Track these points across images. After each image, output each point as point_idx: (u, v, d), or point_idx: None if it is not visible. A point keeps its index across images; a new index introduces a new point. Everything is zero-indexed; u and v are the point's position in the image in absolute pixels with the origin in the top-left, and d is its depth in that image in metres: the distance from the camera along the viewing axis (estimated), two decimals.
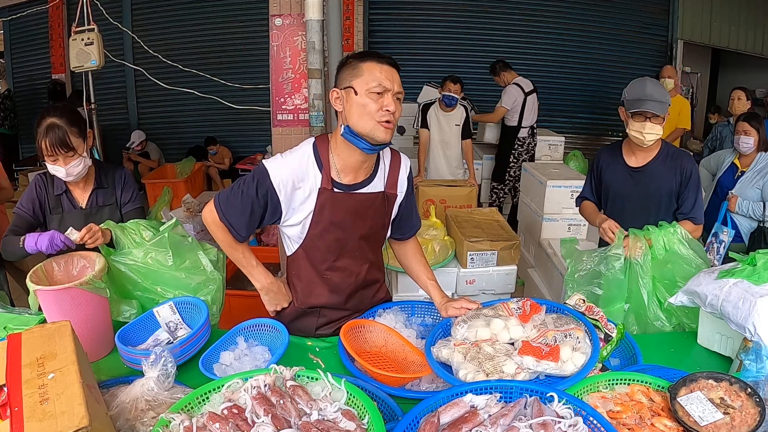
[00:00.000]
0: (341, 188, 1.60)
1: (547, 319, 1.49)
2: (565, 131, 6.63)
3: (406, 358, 1.57)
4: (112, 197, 2.14)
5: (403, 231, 1.83)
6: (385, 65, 1.50)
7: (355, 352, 1.46)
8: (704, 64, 7.95)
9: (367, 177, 1.64)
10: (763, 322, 1.40)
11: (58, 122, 1.90)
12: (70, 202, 2.08)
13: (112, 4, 6.45)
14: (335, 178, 1.59)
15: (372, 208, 1.67)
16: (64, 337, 1.17)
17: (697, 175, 2.31)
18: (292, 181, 1.56)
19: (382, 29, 7.06)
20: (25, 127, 7.23)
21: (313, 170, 1.58)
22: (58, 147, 1.90)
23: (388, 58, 1.53)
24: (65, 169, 1.95)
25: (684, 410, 1.21)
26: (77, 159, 1.96)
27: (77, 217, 2.06)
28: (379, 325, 1.66)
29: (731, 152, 3.45)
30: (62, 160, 1.93)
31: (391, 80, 1.49)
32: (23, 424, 0.94)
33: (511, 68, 5.18)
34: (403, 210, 1.78)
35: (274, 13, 3.51)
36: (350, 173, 1.61)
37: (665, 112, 2.17)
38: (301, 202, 1.59)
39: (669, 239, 1.94)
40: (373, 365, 1.46)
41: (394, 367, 1.56)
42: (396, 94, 1.51)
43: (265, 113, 4.20)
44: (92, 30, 4.12)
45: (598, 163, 2.50)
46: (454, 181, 4.40)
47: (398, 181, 1.70)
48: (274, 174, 1.55)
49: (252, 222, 1.61)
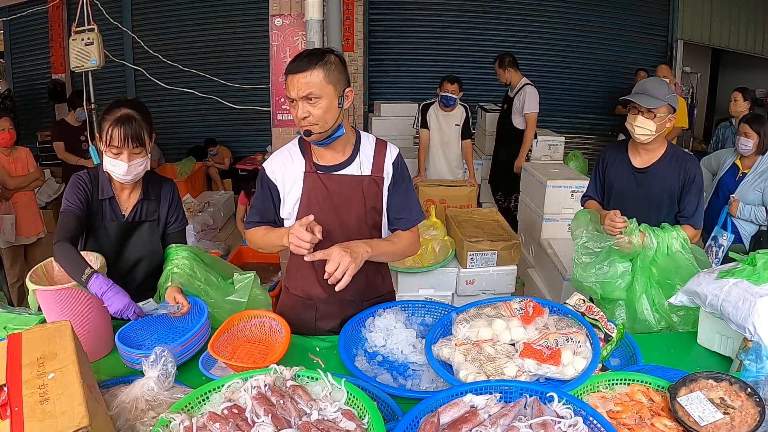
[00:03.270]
0: (322, 170, 1.71)
1: (548, 321, 1.49)
2: (565, 131, 6.62)
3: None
4: (156, 212, 1.94)
5: (392, 221, 1.80)
6: (290, 75, 1.56)
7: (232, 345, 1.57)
8: (704, 64, 7.95)
9: (346, 159, 1.72)
10: (763, 322, 1.40)
11: (134, 114, 1.76)
12: (113, 210, 1.88)
13: (112, 4, 6.44)
14: (316, 161, 1.71)
15: (358, 192, 1.71)
16: (64, 337, 1.17)
17: (701, 179, 2.29)
18: (281, 167, 1.72)
19: (382, 29, 7.06)
20: (25, 127, 7.23)
21: (298, 157, 1.73)
22: (131, 140, 1.74)
23: (295, 64, 1.56)
24: (128, 166, 1.76)
25: (684, 410, 1.21)
26: (143, 157, 1.80)
27: (116, 229, 1.88)
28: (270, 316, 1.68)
29: (732, 152, 3.43)
30: (127, 155, 1.75)
31: (295, 89, 1.55)
32: (23, 424, 0.94)
33: (519, 69, 4.85)
34: (392, 197, 1.77)
35: (274, 13, 3.52)
36: (326, 156, 1.71)
37: (657, 107, 2.16)
38: (291, 186, 1.72)
39: (671, 243, 1.95)
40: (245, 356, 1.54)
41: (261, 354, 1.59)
42: (305, 98, 1.55)
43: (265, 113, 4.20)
44: (92, 30, 4.12)
45: (603, 160, 2.50)
46: (454, 181, 4.40)
47: (384, 165, 1.74)
48: (267, 167, 1.74)
49: (265, 211, 1.77)
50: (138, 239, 1.91)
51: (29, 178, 3.80)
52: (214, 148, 6.75)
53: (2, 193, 3.61)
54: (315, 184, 1.69)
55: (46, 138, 6.15)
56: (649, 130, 2.19)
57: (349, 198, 1.71)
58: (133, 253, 1.91)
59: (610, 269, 2.08)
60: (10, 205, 3.69)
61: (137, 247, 1.92)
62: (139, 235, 1.90)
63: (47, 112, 7.18)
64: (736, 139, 3.36)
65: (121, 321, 1.61)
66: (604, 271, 2.08)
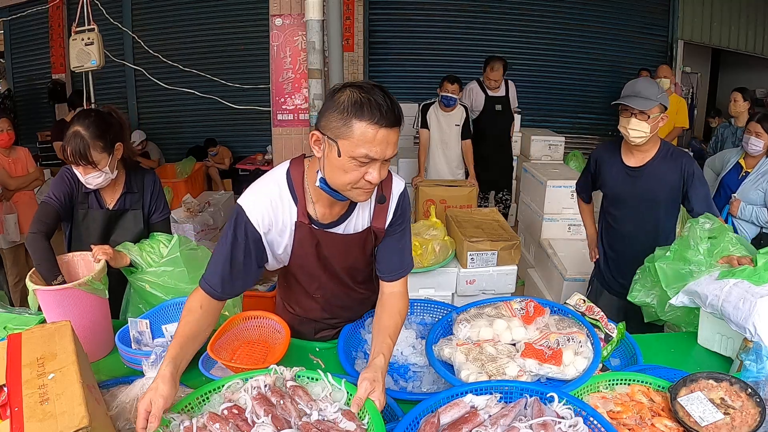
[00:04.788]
0: (317, 225, 1.44)
1: (549, 321, 1.49)
2: (565, 131, 6.62)
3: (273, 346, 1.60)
4: (140, 203, 2.06)
5: (382, 269, 1.52)
6: (382, 129, 1.20)
7: (231, 346, 1.55)
8: (704, 64, 7.95)
9: (344, 212, 1.46)
10: (764, 322, 1.40)
11: (82, 132, 1.82)
12: (98, 201, 2.02)
13: (112, 4, 6.45)
14: (311, 213, 1.43)
15: (354, 248, 1.51)
16: (64, 337, 1.17)
17: (700, 171, 2.29)
18: (270, 213, 1.40)
19: (382, 29, 7.05)
20: (25, 127, 7.23)
21: (288, 203, 1.41)
22: (78, 158, 1.83)
23: (389, 116, 1.20)
24: (85, 178, 1.89)
25: (684, 410, 1.21)
26: (97, 171, 1.88)
27: (101, 216, 2.01)
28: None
29: (737, 151, 3.37)
30: (82, 169, 1.87)
31: (383, 147, 1.22)
32: (23, 424, 0.94)
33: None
34: (387, 239, 1.51)
35: (275, 13, 3.52)
36: (326, 207, 1.43)
37: (649, 108, 2.14)
38: (279, 234, 1.44)
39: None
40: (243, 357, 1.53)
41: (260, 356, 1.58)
42: (386, 160, 1.26)
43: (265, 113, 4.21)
44: (92, 30, 4.12)
45: (595, 160, 2.50)
46: (454, 181, 4.40)
47: (387, 214, 1.48)
48: (250, 210, 1.38)
49: (233, 271, 1.38)
50: (123, 226, 2.00)
51: (29, 178, 3.81)
52: (214, 148, 6.75)
53: (3, 193, 3.62)
54: (308, 238, 1.45)
55: (46, 138, 6.15)
56: (644, 131, 2.18)
57: (345, 251, 1.52)
58: (118, 240, 1.98)
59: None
60: (11, 205, 3.70)
61: (122, 234, 2.02)
62: (124, 222, 2.00)
63: (47, 112, 7.18)
64: (742, 138, 3.30)
65: (121, 321, 1.61)
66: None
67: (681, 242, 1.84)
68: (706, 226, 1.83)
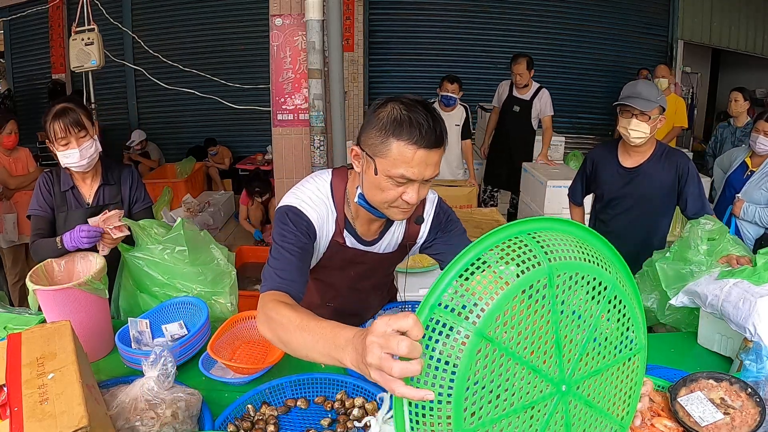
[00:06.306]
0: (353, 243, 1.42)
1: None
2: (565, 131, 6.62)
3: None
4: (118, 195, 2.11)
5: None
6: (420, 150, 1.14)
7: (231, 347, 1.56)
8: (704, 64, 7.95)
9: (382, 228, 1.45)
10: (764, 322, 1.40)
11: (69, 105, 1.94)
12: (76, 199, 2.06)
13: (112, 4, 6.45)
14: (352, 230, 1.41)
15: (388, 263, 1.54)
16: (64, 337, 1.17)
17: (695, 169, 2.30)
18: (322, 221, 1.37)
19: (382, 29, 7.06)
20: (25, 127, 7.22)
21: (331, 216, 1.38)
22: (72, 126, 1.91)
23: (429, 136, 1.14)
24: (79, 151, 1.94)
25: (684, 410, 1.21)
26: (89, 140, 1.97)
27: (82, 215, 2.02)
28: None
29: (744, 149, 3.32)
30: (75, 142, 1.94)
31: (421, 169, 1.16)
32: (23, 424, 0.94)
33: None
34: (449, 239, 1.47)
35: (274, 13, 3.52)
36: (365, 223, 1.41)
37: (651, 109, 2.15)
38: (318, 243, 1.41)
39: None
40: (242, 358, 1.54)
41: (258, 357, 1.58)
42: (426, 181, 1.21)
43: (265, 113, 4.20)
44: (92, 30, 4.13)
45: (592, 161, 2.51)
46: (454, 181, 4.40)
47: (419, 231, 1.48)
48: (306, 209, 1.33)
49: (305, 268, 1.31)
50: None
51: (29, 177, 3.81)
52: (214, 148, 6.75)
53: (3, 192, 3.62)
54: (339, 256, 1.43)
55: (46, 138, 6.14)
56: (644, 132, 2.20)
57: (375, 269, 1.53)
58: None
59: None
60: (11, 204, 3.70)
61: None
62: None
63: None
64: (742, 138, 3.27)
65: (121, 321, 1.61)
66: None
67: (681, 243, 1.84)
68: (706, 226, 1.83)
